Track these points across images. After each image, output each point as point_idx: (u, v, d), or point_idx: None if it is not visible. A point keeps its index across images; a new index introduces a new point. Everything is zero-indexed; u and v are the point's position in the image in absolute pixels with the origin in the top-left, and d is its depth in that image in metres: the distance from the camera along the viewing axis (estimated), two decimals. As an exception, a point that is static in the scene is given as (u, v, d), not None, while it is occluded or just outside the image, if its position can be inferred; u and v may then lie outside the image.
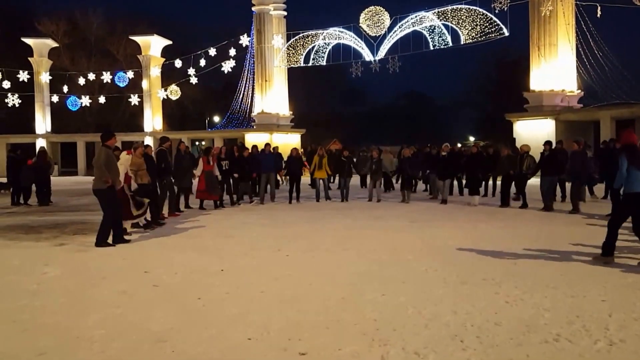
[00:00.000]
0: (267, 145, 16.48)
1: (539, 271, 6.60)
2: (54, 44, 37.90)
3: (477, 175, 14.52)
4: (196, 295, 5.77)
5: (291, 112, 34.25)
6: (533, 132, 24.10)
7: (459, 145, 33.03)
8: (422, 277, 6.45)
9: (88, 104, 35.90)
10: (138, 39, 36.03)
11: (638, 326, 4.60)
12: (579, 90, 25.58)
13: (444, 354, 4.10)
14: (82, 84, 35.18)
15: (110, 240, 8.92)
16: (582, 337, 4.39)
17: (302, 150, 22.32)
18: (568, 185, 13.79)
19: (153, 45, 35.64)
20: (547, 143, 13.58)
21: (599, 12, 22.90)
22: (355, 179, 18.24)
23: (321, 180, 16.19)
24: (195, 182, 14.14)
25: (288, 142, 29.93)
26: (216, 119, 45.36)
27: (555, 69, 24.59)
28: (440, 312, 5.07)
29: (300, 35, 30.55)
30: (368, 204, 15.01)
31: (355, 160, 18.31)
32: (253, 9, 32.49)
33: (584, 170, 12.64)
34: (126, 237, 9.30)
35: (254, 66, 32.90)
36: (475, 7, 25.06)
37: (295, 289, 6.00)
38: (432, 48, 26.74)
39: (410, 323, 4.81)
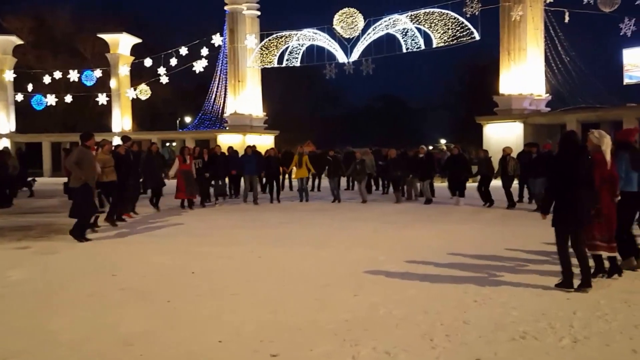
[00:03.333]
0: (249, 147, 16.31)
1: (508, 271, 6.72)
2: (19, 41, 36.86)
3: (458, 177, 14.70)
4: (166, 298, 5.70)
5: (265, 114, 34.12)
6: (502, 135, 24.56)
7: (431, 147, 33.38)
8: (395, 277, 6.50)
9: (54, 103, 34.95)
10: (106, 37, 35.26)
11: (601, 324, 4.74)
12: (547, 94, 26.18)
13: (414, 353, 4.15)
14: (47, 83, 34.30)
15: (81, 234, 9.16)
16: (547, 334, 4.49)
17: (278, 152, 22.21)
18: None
19: (122, 43, 34.97)
20: (534, 145, 13.66)
21: (567, 18, 23.50)
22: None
23: (301, 180, 16.13)
24: (167, 182, 13.99)
25: (262, 143, 29.78)
26: (188, 119, 44.81)
27: (524, 73, 25.10)
28: (412, 312, 5.12)
29: (274, 35, 30.47)
30: (347, 205, 15.00)
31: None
32: (226, 8, 32.27)
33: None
34: (89, 236, 9.41)
35: (226, 66, 32.68)
36: (447, 11, 25.40)
37: (268, 291, 5.98)
38: (405, 51, 27.01)
39: (382, 323, 4.85)
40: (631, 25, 21.02)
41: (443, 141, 52.17)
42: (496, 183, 14.38)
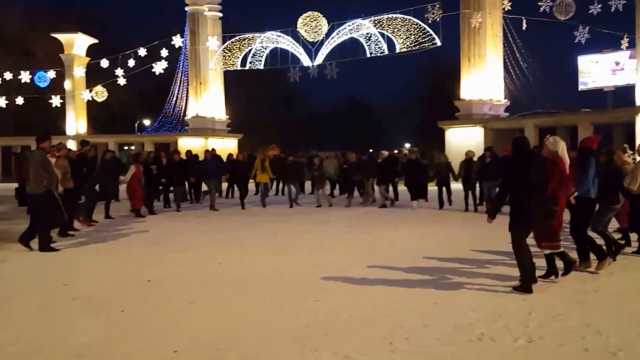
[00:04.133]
0: (208, 151, 16.02)
1: (469, 272, 6.80)
2: (-34, 41, 35.33)
3: (415, 181, 14.83)
4: (120, 307, 5.52)
5: (228, 117, 33.75)
6: (463, 140, 24.99)
7: (395, 151, 33.76)
8: (357, 281, 6.48)
9: (4, 105, 33.52)
10: (61, 36, 34.03)
11: (556, 323, 4.84)
12: (506, 100, 26.83)
13: (373, 357, 4.14)
14: (-3, 84, 32.93)
15: (32, 244, 8.63)
16: (504, 335, 4.56)
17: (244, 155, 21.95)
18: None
19: (77, 43, 33.87)
20: (489, 149, 13.97)
21: (525, 25, 24.13)
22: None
23: (262, 185, 15.95)
24: (122, 188, 13.59)
25: (225, 147, 29.46)
26: (147, 122, 43.83)
27: (484, 78, 25.66)
28: (372, 316, 5.12)
29: (237, 37, 30.17)
30: (309, 210, 14.93)
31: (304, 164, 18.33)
32: (187, 8, 31.75)
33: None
34: (53, 246, 8.85)
35: (187, 68, 32.19)
36: (409, 17, 25.73)
37: (228, 298, 5.87)
38: (368, 55, 27.21)
39: (343, 327, 4.82)
40: (585, 33, 21.73)
41: (407, 145, 52.86)
42: (457, 187, 14.60)
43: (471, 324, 4.84)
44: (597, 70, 25.53)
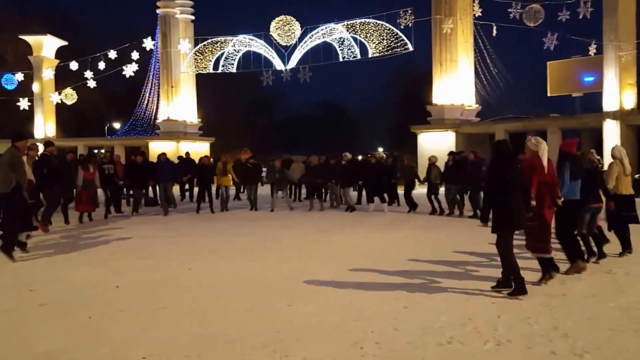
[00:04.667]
0: (163, 154, 15.62)
1: (439, 276, 6.86)
2: None
3: (380, 184, 14.94)
4: (87, 314, 5.39)
5: (200, 120, 33.41)
6: (435, 144, 25.29)
7: (369, 155, 33.84)
8: (329, 285, 6.47)
9: (-30, 108, 32.64)
10: (29, 38, 33.26)
11: (524, 326, 4.91)
12: (477, 105, 27.26)
13: (344, 362, 4.13)
14: (-37, 87, 32.00)
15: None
16: (473, 338, 4.60)
17: (211, 159, 21.65)
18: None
19: (46, 45, 33.15)
20: (451, 153, 14.27)
21: (495, 32, 24.58)
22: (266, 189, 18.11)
23: (224, 188, 15.60)
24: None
25: (196, 150, 29.14)
26: (117, 125, 43.09)
27: (455, 84, 26.02)
28: (343, 320, 5.11)
29: (209, 40, 29.93)
30: (273, 214, 14.82)
31: (266, 168, 18.24)
32: (158, 11, 31.35)
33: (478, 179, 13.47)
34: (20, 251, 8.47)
35: (159, 71, 31.81)
36: (382, 22, 25.93)
37: (198, 304, 5.79)
38: (341, 59, 27.31)
39: (313, 332, 4.81)
40: (554, 40, 22.24)
41: (380, 149, 53.19)
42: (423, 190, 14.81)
43: (441, 327, 4.87)
44: (565, 76, 26.18)
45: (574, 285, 6.38)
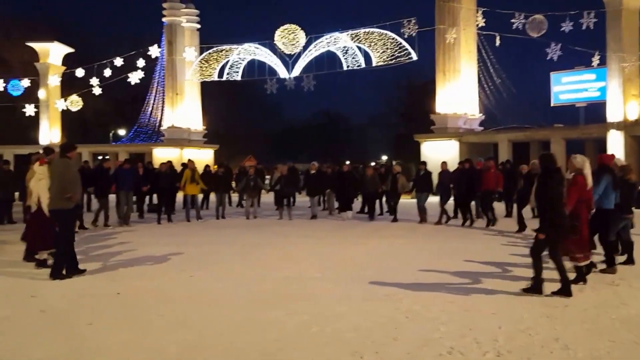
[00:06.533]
0: (126, 161, 15.14)
1: (438, 286, 6.82)
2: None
3: (345, 192, 15.42)
4: (87, 321, 5.40)
5: (204, 127, 33.57)
6: (439, 152, 25.26)
7: (373, 163, 33.78)
8: (326, 294, 6.46)
9: (-23, 113, 32.83)
10: (36, 45, 33.52)
11: (524, 337, 4.88)
12: (480, 114, 27.27)
13: (342, 372, 4.11)
14: (-31, 93, 32.23)
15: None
16: (473, 349, 4.58)
17: (215, 167, 21.59)
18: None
19: (52, 52, 33.43)
20: (422, 163, 14.89)
21: (498, 41, 24.62)
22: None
23: (191, 197, 14.94)
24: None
25: (200, 157, 29.23)
26: (122, 132, 43.31)
27: (458, 93, 26.05)
28: (343, 329, 5.09)
29: (214, 49, 30.12)
30: (256, 222, 14.74)
31: (234, 176, 18.28)
32: (164, 19, 31.65)
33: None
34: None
35: (164, 78, 31.98)
36: (386, 32, 26.02)
37: (195, 311, 5.78)
38: (345, 68, 27.40)
39: (313, 341, 4.79)
40: (557, 50, 22.23)
41: (384, 157, 53.21)
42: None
43: (441, 338, 4.85)
44: (568, 87, 26.16)
45: (575, 296, 6.32)
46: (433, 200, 14.45)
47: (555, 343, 4.72)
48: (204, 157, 30.76)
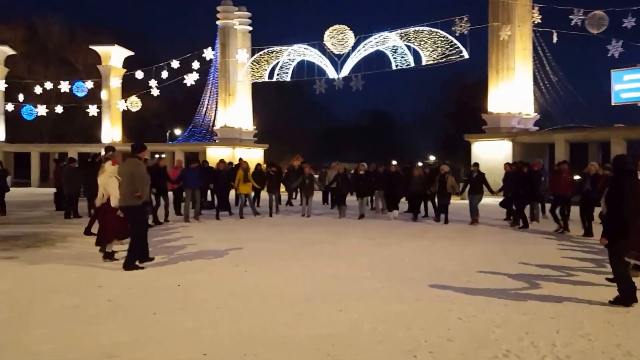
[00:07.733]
0: (192, 161, 15.75)
1: (492, 289, 6.73)
2: (11, 52, 36.75)
3: (393, 192, 15.36)
4: (151, 310, 5.67)
5: (255, 127, 34.23)
6: (491, 153, 24.78)
7: (420, 164, 33.43)
8: (377, 293, 6.50)
9: (45, 114, 34.75)
10: (98, 48, 35.41)
11: (584, 342, 4.77)
12: (536, 114, 26.49)
13: (397, 370, 4.15)
14: (38, 93, 34.14)
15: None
16: (530, 352, 4.51)
17: (264, 165, 21.94)
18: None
19: (114, 55, 35.10)
20: (475, 165, 14.58)
21: (555, 38, 23.87)
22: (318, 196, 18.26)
23: (245, 196, 15.36)
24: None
25: (251, 157, 29.82)
26: (177, 131, 44.74)
27: (512, 92, 25.41)
28: (395, 328, 5.12)
29: (265, 50, 30.63)
30: (314, 220, 14.86)
31: (284, 175, 18.45)
32: (218, 22, 32.55)
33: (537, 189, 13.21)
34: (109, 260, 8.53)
35: (217, 80, 32.83)
36: (436, 30, 25.70)
37: (251, 305, 5.95)
38: (394, 68, 27.24)
39: (365, 339, 4.84)
40: (618, 47, 21.36)
41: (432, 158, 52.51)
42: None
43: (497, 340, 4.80)
44: (631, 85, 25.04)
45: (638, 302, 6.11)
46: (487, 201, 14.20)
47: (617, 349, 4.59)
48: (254, 156, 31.38)
